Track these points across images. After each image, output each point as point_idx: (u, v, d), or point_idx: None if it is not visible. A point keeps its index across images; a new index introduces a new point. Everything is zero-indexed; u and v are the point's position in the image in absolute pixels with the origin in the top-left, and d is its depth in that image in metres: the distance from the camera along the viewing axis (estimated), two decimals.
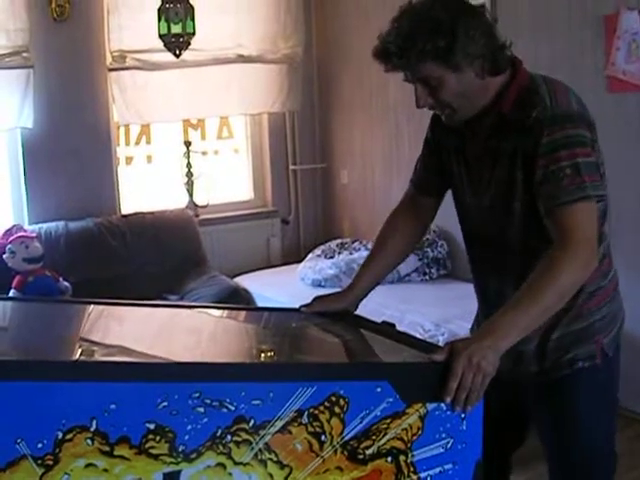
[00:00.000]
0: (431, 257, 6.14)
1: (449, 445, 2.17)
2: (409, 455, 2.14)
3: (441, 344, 4.77)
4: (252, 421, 2.00)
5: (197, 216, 6.70)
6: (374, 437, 2.10)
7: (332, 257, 6.42)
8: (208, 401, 1.96)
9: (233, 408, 1.98)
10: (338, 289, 5.67)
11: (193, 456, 1.97)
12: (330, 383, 2.06)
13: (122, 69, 6.38)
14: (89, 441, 1.90)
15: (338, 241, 6.74)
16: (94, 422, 1.90)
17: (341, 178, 7.27)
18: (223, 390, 1.98)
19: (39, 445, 1.89)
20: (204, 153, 7.06)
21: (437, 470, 2.17)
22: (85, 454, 1.90)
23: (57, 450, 1.90)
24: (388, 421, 2.11)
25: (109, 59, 6.35)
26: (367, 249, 6.32)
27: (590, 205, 2.40)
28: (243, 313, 3.16)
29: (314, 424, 2.05)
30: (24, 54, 5.94)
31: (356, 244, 6.56)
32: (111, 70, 6.37)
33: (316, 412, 2.04)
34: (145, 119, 6.62)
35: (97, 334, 2.66)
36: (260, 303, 5.97)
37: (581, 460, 2.70)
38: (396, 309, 5.25)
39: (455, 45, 2.35)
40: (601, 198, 2.46)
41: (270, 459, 2.03)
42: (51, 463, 1.91)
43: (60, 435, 1.89)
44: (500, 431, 2.75)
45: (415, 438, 2.14)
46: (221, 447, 1.99)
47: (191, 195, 6.80)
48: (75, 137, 6.27)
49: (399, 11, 2.46)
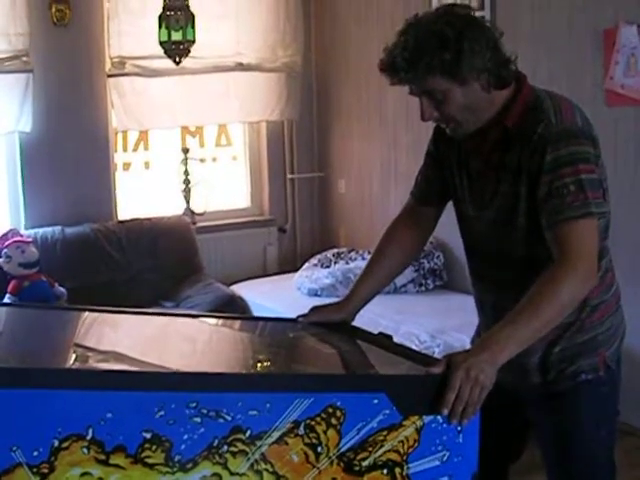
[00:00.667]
0: (427, 268, 6.13)
1: (445, 458, 2.16)
2: (405, 467, 2.13)
3: (437, 355, 4.76)
4: (248, 431, 1.99)
5: (194, 223, 6.69)
6: (370, 449, 2.10)
7: (328, 266, 6.41)
8: (205, 411, 1.96)
9: (230, 418, 1.98)
10: (334, 298, 5.67)
11: (189, 466, 1.96)
12: (327, 394, 2.05)
13: (121, 75, 6.38)
14: (85, 450, 1.90)
15: (335, 250, 6.73)
16: (90, 430, 1.89)
17: (339, 187, 7.26)
18: (220, 400, 1.97)
19: (35, 453, 1.89)
20: (202, 160, 7.05)
21: None
22: (81, 463, 1.90)
23: (53, 458, 1.90)
24: (384, 433, 2.10)
25: (108, 65, 6.35)
26: (364, 259, 6.31)
27: (592, 222, 2.41)
28: (240, 322, 3.15)
29: (310, 435, 2.04)
30: (24, 58, 5.94)
31: (352, 254, 6.54)
32: (110, 76, 6.37)
33: (313, 423, 2.04)
34: (144, 125, 6.62)
35: (91, 340, 2.66)
36: (256, 311, 5.96)
37: (581, 472, 2.70)
38: (392, 320, 5.25)
39: (461, 59, 2.36)
40: (603, 214, 2.47)
41: (266, 470, 2.02)
42: (46, 471, 1.90)
43: (56, 443, 1.89)
44: (498, 443, 2.75)
45: (411, 450, 2.13)
46: (217, 457, 1.98)
47: (188, 202, 6.80)
48: (73, 142, 6.27)
49: (405, 24, 2.47)
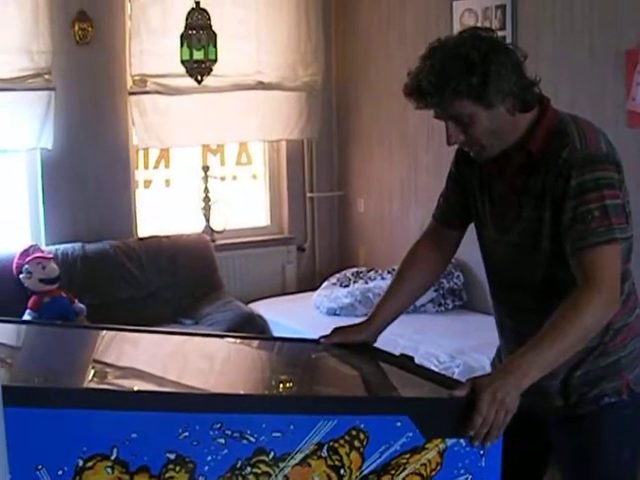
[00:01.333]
0: (447, 288, 6.11)
1: None
2: None
3: (456, 376, 4.75)
4: (272, 453, 1.99)
5: (213, 241, 6.70)
6: (393, 472, 2.09)
7: (347, 286, 6.40)
8: (229, 432, 1.96)
9: (254, 440, 1.98)
10: (353, 318, 5.72)
11: None
12: (351, 417, 2.05)
13: (142, 93, 6.41)
14: (109, 469, 1.90)
15: (354, 270, 6.71)
16: (115, 450, 1.90)
17: (358, 206, 7.25)
18: (244, 421, 1.97)
19: (59, 472, 1.89)
20: (222, 178, 7.07)
21: None
22: None
23: (77, 478, 1.90)
24: (407, 456, 2.10)
25: (130, 83, 6.39)
26: (383, 278, 6.31)
27: (616, 247, 2.41)
28: (262, 343, 3.15)
29: (333, 457, 2.04)
30: (46, 76, 5.98)
31: (372, 273, 6.53)
32: (132, 94, 6.40)
33: (336, 445, 2.04)
34: (164, 143, 6.64)
35: (110, 356, 2.67)
36: (275, 330, 5.96)
37: None
38: (411, 339, 5.23)
39: (488, 83, 2.37)
40: (626, 239, 2.47)
41: None
42: None
43: (81, 463, 1.89)
44: (520, 465, 2.73)
45: (434, 473, 2.13)
46: (240, 478, 1.98)
47: (208, 220, 6.81)
48: (94, 159, 6.30)
49: (429, 48, 2.47)
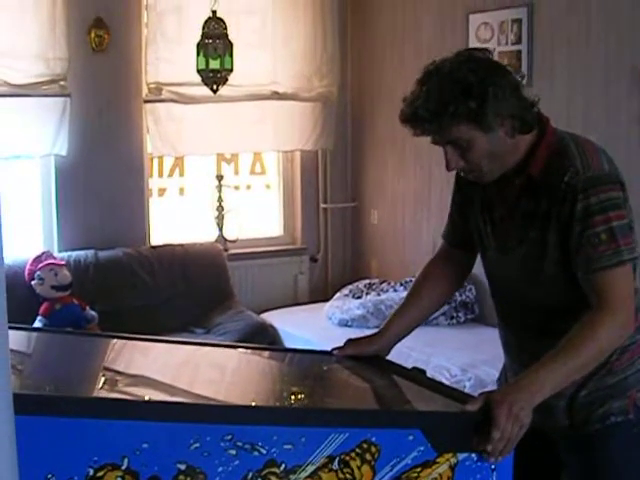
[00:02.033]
0: (459, 301, 6.10)
1: None
2: None
3: (467, 389, 4.74)
4: (283, 465, 1.98)
5: (226, 250, 6.70)
6: None
7: (360, 297, 6.40)
8: (240, 444, 1.95)
9: (265, 452, 1.97)
10: (365, 329, 5.71)
11: None
12: (363, 430, 2.04)
13: (158, 101, 6.43)
14: (120, 479, 1.89)
15: (366, 281, 6.72)
16: (125, 460, 1.89)
17: (371, 218, 7.25)
18: (256, 433, 1.96)
19: None
20: (236, 187, 7.08)
21: None
22: None
23: None
24: (418, 470, 2.09)
25: (145, 91, 6.40)
26: (395, 290, 6.31)
27: (626, 269, 2.40)
28: (273, 353, 3.14)
29: (345, 470, 2.03)
30: (62, 83, 6.00)
31: (384, 285, 6.52)
32: (147, 102, 6.42)
33: (347, 458, 2.03)
34: (179, 151, 6.65)
35: (121, 365, 2.66)
36: (286, 340, 5.96)
37: None
38: (422, 352, 5.21)
39: (486, 106, 2.34)
40: (636, 259, 2.45)
41: None
42: None
43: (91, 472, 1.88)
44: None
45: None
46: None
47: (221, 229, 6.81)
48: (108, 167, 6.31)
49: (424, 72, 2.45)
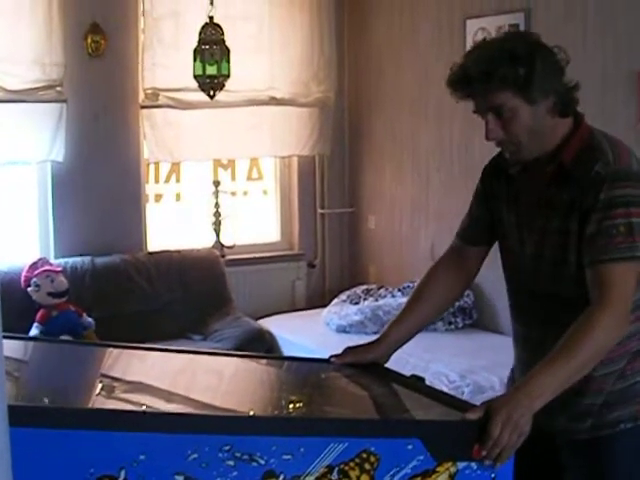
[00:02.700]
0: (457, 306, 6.06)
1: None
2: None
3: (466, 395, 4.73)
4: (282, 476, 1.97)
5: (223, 256, 6.68)
6: None
7: (357, 303, 6.38)
8: (239, 454, 1.93)
9: (263, 462, 1.95)
10: (363, 335, 5.69)
11: None
12: (362, 439, 2.03)
13: (154, 107, 6.41)
14: None
15: (364, 287, 6.70)
16: (122, 472, 1.87)
17: (369, 224, 7.24)
18: (254, 444, 1.95)
19: None
20: (233, 193, 7.06)
21: None
22: None
23: None
24: (418, 479, 2.07)
25: (142, 96, 6.39)
26: (393, 296, 6.29)
27: (635, 266, 2.40)
28: (271, 361, 3.12)
29: None
30: (58, 88, 5.99)
31: (382, 291, 6.50)
32: (143, 107, 6.40)
33: (346, 468, 2.01)
34: (175, 157, 6.63)
35: (118, 371, 2.65)
36: (284, 347, 5.94)
37: None
38: (420, 358, 5.19)
39: (533, 76, 2.38)
40: None
41: None
42: None
43: None
44: None
45: None
46: None
47: (218, 235, 6.79)
48: (105, 172, 6.29)
49: (474, 45, 2.53)
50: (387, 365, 2.73)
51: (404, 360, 4.65)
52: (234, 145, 6.77)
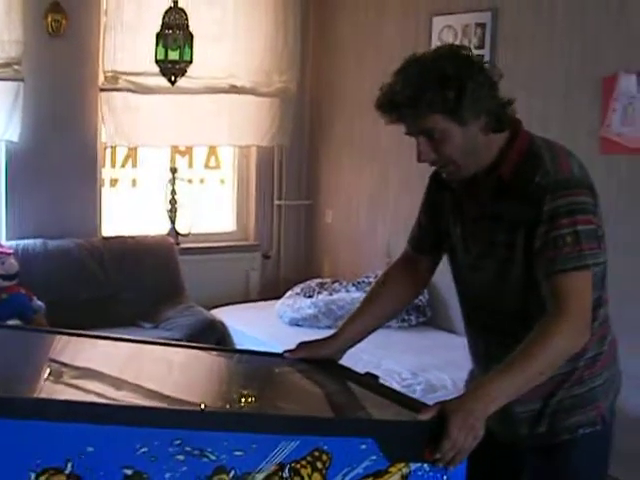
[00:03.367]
0: (411, 304, 6.06)
1: None
2: None
3: (418, 393, 4.72)
4: (232, 472, 1.93)
5: (178, 244, 6.63)
6: None
7: (311, 296, 6.35)
8: (189, 449, 1.89)
9: (214, 458, 1.91)
10: (316, 329, 5.66)
11: None
12: (315, 438, 2.00)
13: (114, 90, 6.34)
14: None
15: (318, 280, 6.68)
16: (69, 465, 1.83)
17: (326, 217, 7.23)
18: (205, 439, 1.91)
19: None
20: (190, 181, 7.01)
21: None
22: None
23: None
24: (370, 479, 2.04)
25: (101, 79, 6.31)
26: (347, 291, 6.28)
27: (587, 274, 2.38)
28: (224, 353, 3.09)
29: (295, 478, 1.99)
30: (15, 66, 5.90)
31: (336, 285, 6.48)
32: (103, 90, 6.33)
33: (298, 466, 1.99)
34: (133, 142, 6.57)
35: (67, 356, 2.59)
36: (236, 338, 5.91)
37: None
38: (373, 355, 5.17)
39: (463, 98, 2.32)
40: (598, 264, 2.43)
41: None
42: None
43: (33, 476, 1.81)
44: None
45: None
46: None
47: (173, 222, 6.73)
48: (61, 155, 6.21)
49: (404, 63, 2.43)
50: (343, 363, 2.71)
51: (357, 356, 4.59)
52: (193, 132, 6.72)
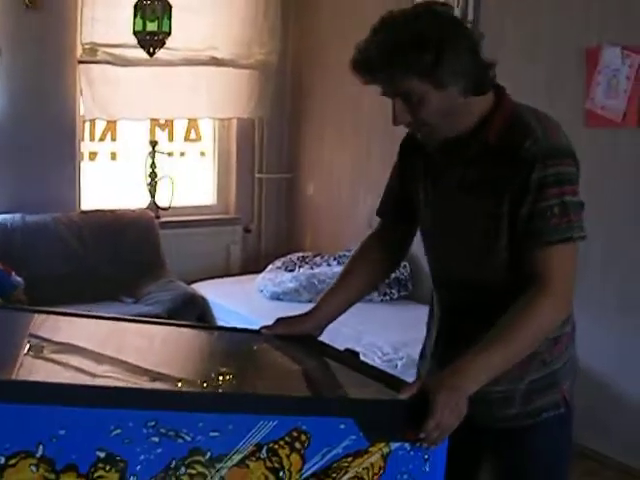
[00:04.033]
0: (392, 278, 6.02)
1: None
2: None
3: (399, 369, 4.70)
4: (208, 453, 1.89)
5: (158, 218, 6.59)
6: (334, 475, 2.01)
7: (292, 270, 6.33)
8: (164, 430, 1.85)
9: (189, 439, 1.87)
10: (297, 303, 5.64)
11: None
12: (293, 418, 1.96)
13: (92, 62, 6.28)
14: (34, 468, 1.78)
15: (299, 254, 6.66)
16: (40, 447, 1.78)
17: (307, 190, 7.20)
18: (180, 420, 1.87)
19: None
20: (170, 154, 6.97)
21: None
22: None
23: None
24: (349, 459, 2.02)
25: (80, 51, 6.25)
26: (329, 265, 6.26)
27: (573, 246, 2.34)
28: (201, 329, 3.06)
29: (273, 459, 1.95)
30: None
31: (317, 259, 6.47)
32: (81, 62, 6.26)
33: (276, 447, 1.95)
34: (112, 115, 6.52)
35: (47, 331, 2.55)
36: (216, 312, 5.89)
37: None
38: (354, 329, 5.15)
39: (441, 62, 2.23)
40: (582, 238, 2.38)
41: None
42: None
43: (2, 460, 1.76)
44: (454, 469, 2.66)
45: (376, 478, 2.05)
46: (174, 479, 1.88)
47: (153, 196, 6.69)
48: (39, 128, 6.16)
49: (380, 21, 2.31)
50: (322, 339, 2.68)
51: (337, 331, 4.56)
52: (172, 105, 6.67)
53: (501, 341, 2.23)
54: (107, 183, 6.86)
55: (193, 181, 7.21)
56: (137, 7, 5.82)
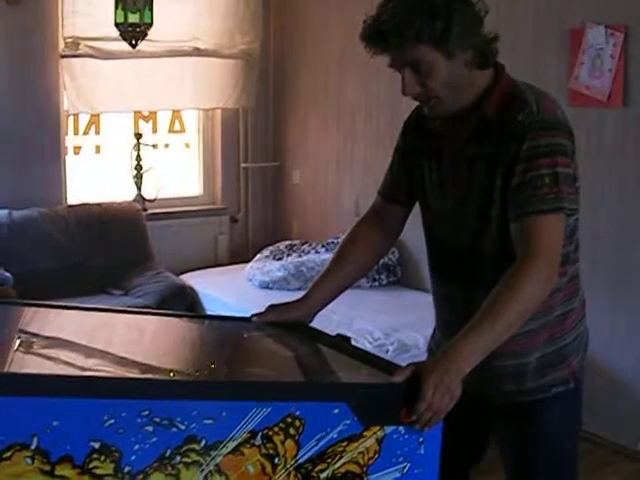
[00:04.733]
0: (381, 263, 6.03)
1: (406, 469, 2.09)
2: (365, 479, 2.05)
3: (390, 353, 4.71)
4: (203, 441, 1.89)
5: (145, 210, 6.58)
6: (329, 460, 2.01)
7: (281, 259, 6.33)
8: (157, 419, 1.85)
9: (184, 427, 1.87)
10: (286, 292, 5.64)
11: (139, 477, 1.85)
12: (286, 403, 1.96)
13: (75, 56, 6.25)
14: (29, 460, 1.78)
15: (287, 242, 6.66)
16: (35, 439, 1.77)
17: (293, 178, 7.19)
18: (174, 408, 1.87)
19: None
20: (154, 146, 6.96)
21: None
22: (24, 474, 1.77)
23: None
24: (344, 444, 2.02)
25: (62, 45, 6.21)
26: (317, 252, 6.26)
27: (561, 217, 2.35)
28: (191, 319, 3.05)
29: (268, 445, 1.95)
30: None
31: (305, 246, 6.47)
32: (63, 57, 6.23)
33: (270, 433, 1.95)
34: (96, 109, 6.49)
35: (36, 326, 2.54)
36: (206, 303, 5.89)
37: None
38: (345, 315, 5.16)
39: (451, 30, 2.28)
40: (573, 211, 2.41)
41: None
42: None
43: None
44: (460, 447, 2.67)
45: (371, 462, 2.06)
46: (169, 468, 1.87)
47: (139, 188, 6.68)
48: (23, 123, 6.14)
49: None
50: (314, 325, 2.68)
51: (328, 317, 4.60)
52: (156, 97, 6.64)
53: (489, 317, 2.24)
54: (92, 177, 6.84)
55: (179, 172, 7.20)
56: None
